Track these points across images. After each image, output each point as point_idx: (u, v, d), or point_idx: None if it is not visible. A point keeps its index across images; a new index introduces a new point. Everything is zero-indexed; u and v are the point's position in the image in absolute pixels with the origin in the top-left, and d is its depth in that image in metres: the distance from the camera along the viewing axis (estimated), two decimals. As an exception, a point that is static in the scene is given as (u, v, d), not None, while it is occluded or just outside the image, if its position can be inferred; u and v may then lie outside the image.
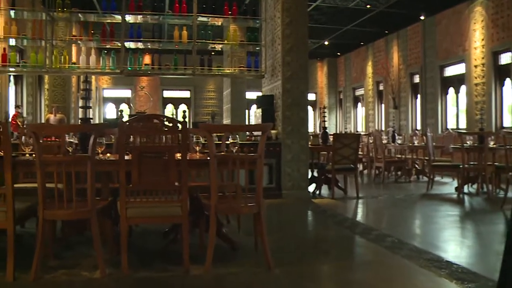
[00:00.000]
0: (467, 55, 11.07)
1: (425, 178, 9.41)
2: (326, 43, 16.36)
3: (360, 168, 11.17)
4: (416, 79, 13.72)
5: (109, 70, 7.66)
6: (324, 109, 8.88)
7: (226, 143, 4.23)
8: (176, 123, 3.37)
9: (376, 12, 12.21)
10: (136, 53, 7.45)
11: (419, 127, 13.28)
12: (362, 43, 16.59)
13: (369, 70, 16.52)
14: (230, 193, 3.67)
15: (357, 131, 17.26)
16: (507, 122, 10.23)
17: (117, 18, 7.32)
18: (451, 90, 12.27)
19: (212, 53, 10.06)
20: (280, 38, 7.37)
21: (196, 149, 4.08)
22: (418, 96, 13.60)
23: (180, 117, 7.15)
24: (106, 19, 7.49)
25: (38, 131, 3.22)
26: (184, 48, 7.68)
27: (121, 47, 7.30)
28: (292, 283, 3.24)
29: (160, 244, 4.09)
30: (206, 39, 7.58)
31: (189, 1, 7.36)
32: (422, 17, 12.86)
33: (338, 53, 18.57)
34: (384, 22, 13.47)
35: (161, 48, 7.70)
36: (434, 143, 9.26)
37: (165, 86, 17.98)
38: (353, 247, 4.46)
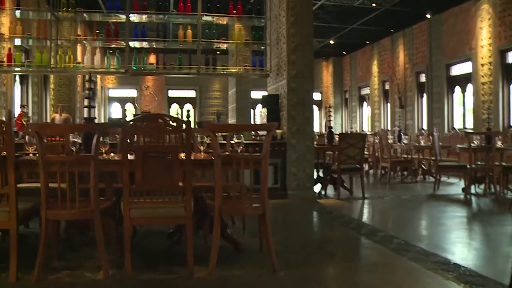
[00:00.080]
0: (474, 54, 10.98)
1: (432, 179, 9.35)
2: (332, 42, 16.29)
3: (366, 168, 11.11)
4: (422, 78, 13.63)
5: (114, 70, 7.66)
6: (330, 109, 8.83)
7: (231, 143, 4.19)
8: (180, 123, 3.34)
9: (382, 11, 12.13)
10: (141, 53, 7.44)
11: (425, 127, 13.20)
12: (368, 42, 16.51)
13: (375, 69, 16.44)
14: (235, 194, 3.63)
15: (363, 131, 17.19)
16: (515, 122, 10.14)
17: (122, 18, 7.32)
18: (458, 89, 12.16)
19: (217, 53, 10.01)
20: (285, 37, 7.32)
21: (201, 149, 4.05)
22: (424, 95, 13.50)
23: (184, 117, 7.12)
24: (111, 19, 7.47)
25: (41, 131, 3.20)
26: (189, 48, 7.67)
27: (126, 47, 7.29)
28: (297, 285, 3.20)
29: (164, 245, 4.07)
30: (211, 38, 7.54)
31: (194, 0, 7.34)
32: (428, 16, 12.76)
33: (344, 52, 18.49)
34: (390, 21, 13.39)
35: (166, 48, 7.68)
36: (441, 143, 9.18)
37: (170, 86, 17.96)
38: (359, 249, 4.41)
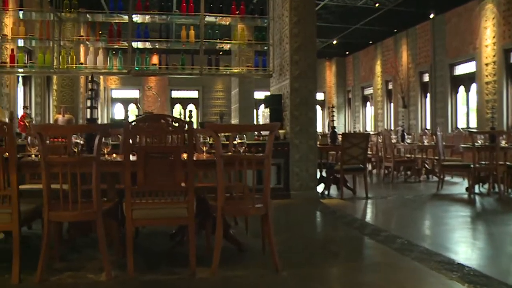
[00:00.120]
0: (478, 53, 10.93)
1: (435, 178, 9.31)
2: (335, 42, 16.27)
3: (369, 168, 11.10)
4: (426, 78, 13.58)
5: (116, 70, 7.66)
6: (333, 109, 8.82)
7: (234, 143, 4.18)
8: (182, 123, 3.33)
9: (385, 11, 12.10)
10: (144, 53, 7.43)
11: (429, 126, 13.15)
12: (371, 42, 16.47)
13: (378, 69, 16.39)
14: (238, 194, 3.62)
15: (366, 131, 17.15)
16: (519, 121, 10.09)
17: (125, 18, 7.31)
18: (461, 89, 12.12)
19: (220, 53, 10.03)
20: (288, 37, 7.31)
21: (203, 150, 4.04)
22: (428, 95, 13.45)
23: (187, 117, 7.11)
24: (114, 19, 7.48)
25: (43, 132, 3.20)
26: (192, 48, 7.65)
27: (128, 47, 7.29)
28: (300, 285, 3.18)
29: (167, 246, 4.06)
30: (214, 39, 7.53)
31: (197, 1, 7.33)
32: (432, 15, 12.71)
33: (347, 52, 18.46)
34: (393, 21, 13.35)
35: (169, 48, 7.67)
36: (444, 143, 9.15)
37: (173, 86, 17.96)
38: (362, 249, 4.39)
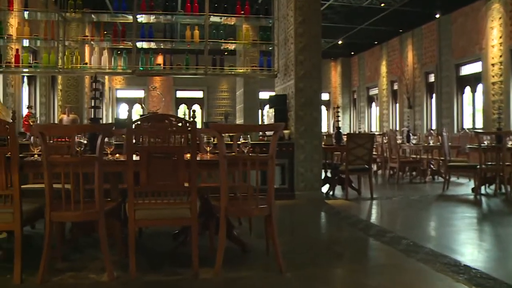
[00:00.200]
0: (484, 53, 10.86)
1: (441, 179, 9.25)
2: (340, 43, 16.22)
3: (374, 169, 11.03)
4: (431, 78, 13.51)
5: (121, 70, 7.65)
6: (338, 109, 8.77)
7: (238, 143, 4.15)
8: (185, 123, 3.30)
9: (390, 11, 12.04)
10: (148, 53, 7.42)
11: (434, 127, 13.07)
12: (376, 42, 16.41)
13: (383, 70, 16.32)
14: (241, 194, 3.59)
15: (371, 131, 17.09)
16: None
17: (129, 18, 7.30)
18: (467, 89, 12.05)
19: (225, 53, 9.99)
20: (293, 37, 7.27)
21: (207, 150, 4.01)
22: (433, 96, 13.39)
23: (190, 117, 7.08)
24: (119, 19, 7.46)
25: (45, 131, 3.18)
26: (196, 48, 7.63)
27: (133, 47, 7.27)
28: (304, 287, 3.14)
29: (170, 246, 4.03)
30: (218, 39, 7.50)
31: (201, 1, 7.30)
32: (437, 15, 12.65)
33: (352, 53, 18.40)
34: (399, 21, 13.29)
35: (173, 48, 7.65)
36: (450, 143, 9.08)
37: (178, 87, 17.97)
38: (367, 250, 4.35)
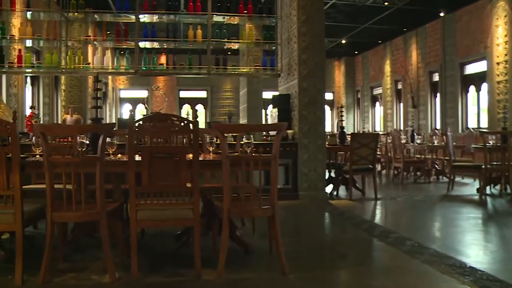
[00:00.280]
0: (489, 52, 10.78)
1: (445, 179, 9.20)
2: (343, 42, 16.17)
3: (379, 169, 10.98)
4: (436, 78, 13.44)
5: (124, 70, 7.62)
6: (342, 109, 8.71)
7: (241, 143, 4.12)
8: (187, 123, 3.27)
9: (394, 10, 11.99)
10: (151, 53, 7.39)
11: (439, 127, 13.00)
12: (380, 41, 16.35)
13: (387, 69, 16.26)
14: (244, 195, 3.55)
15: (375, 131, 17.02)
16: (531, 121, 9.93)
17: (132, 18, 7.27)
18: (472, 88, 11.98)
19: (228, 53, 9.96)
20: (296, 36, 7.23)
21: (210, 150, 3.98)
22: (438, 95, 13.32)
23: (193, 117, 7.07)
24: (121, 19, 7.44)
25: (46, 132, 3.16)
26: (199, 48, 7.60)
27: (135, 47, 7.25)
28: (307, 289, 3.12)
29: (172, 247, 4.00)
30: (221, 38, 7.47)
31: (204, 0, 7.28)
32: (442, 14, 12.58)
33: (356, 52, 18.34)
34: (402, 20, 13.23)
35: (176, 48, 7.63)
36: (455, 143, 9.03)
37: (182, 86, 17.97)
38: (371, 251, 4.31)
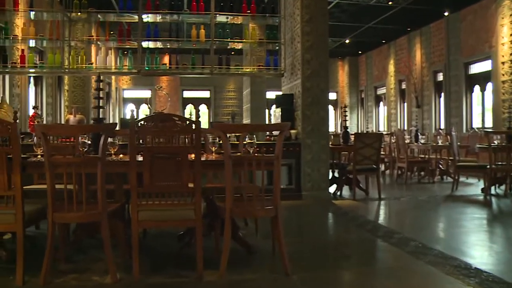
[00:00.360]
0: (494, 52, 10.71)
1: (449, 179, 9.14)
2: (347, 42, 16.11)
3: (382, 169, 10.94)
4: (440, 77, 13.38)
5: (127, 70, 7.60)
6: (345, 108, 8.68)
7: (244, 144, 4.09)
8: (190, 123, 3.25)
9: (398, 9, 11.94)
10: (154, 53, 7.37)
11: (443, 126, 12.94)
12: (384, 41, 16.28)
13: (391, 69, 16.20)
14: (247, 195, 3.52)
15: (379, 131, 16.96)
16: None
17: (135, 18, 7.26)
18: (477, 88, 11.91)
19: (232, 52, 9.93)
20: (300, 36, 7.20)
21: (212, 150, 3.95)
22: (442, 95, 13.26)
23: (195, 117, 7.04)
24: (124, 19, 7.43)
25: (47, 132, 3.14)
26: (202, 47, 7.58)
27: (138, 47, 7.24)
28: (310, 291, 3.08)
29: (174, 247, 3.98)
30: (225, 38, 7.44)
31: (207, 0, 7.25)
32: (446, 13, 12.52)
33: (360, 52, 18.28)
34: (406, 19, 13.18)
35: (179, 48, 7.60)
36: (459, 143, 8.97)
37: (185, 86, 17.96)
38: (375, 252, 4.27)
